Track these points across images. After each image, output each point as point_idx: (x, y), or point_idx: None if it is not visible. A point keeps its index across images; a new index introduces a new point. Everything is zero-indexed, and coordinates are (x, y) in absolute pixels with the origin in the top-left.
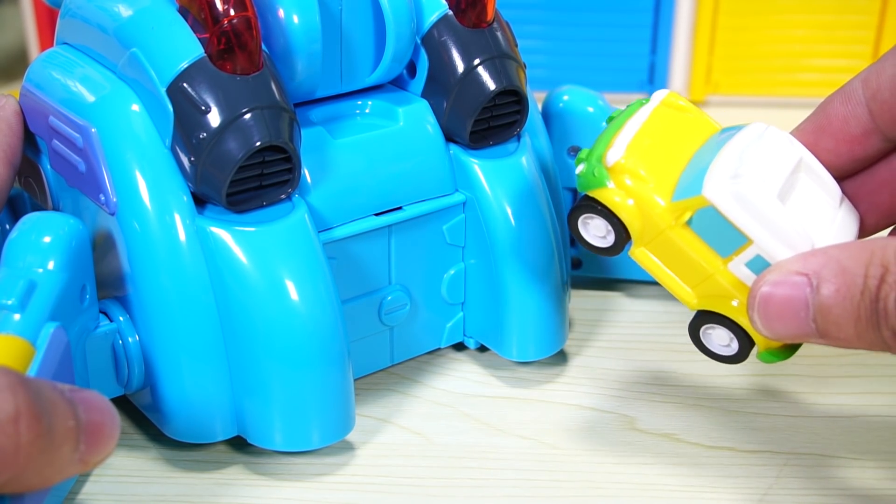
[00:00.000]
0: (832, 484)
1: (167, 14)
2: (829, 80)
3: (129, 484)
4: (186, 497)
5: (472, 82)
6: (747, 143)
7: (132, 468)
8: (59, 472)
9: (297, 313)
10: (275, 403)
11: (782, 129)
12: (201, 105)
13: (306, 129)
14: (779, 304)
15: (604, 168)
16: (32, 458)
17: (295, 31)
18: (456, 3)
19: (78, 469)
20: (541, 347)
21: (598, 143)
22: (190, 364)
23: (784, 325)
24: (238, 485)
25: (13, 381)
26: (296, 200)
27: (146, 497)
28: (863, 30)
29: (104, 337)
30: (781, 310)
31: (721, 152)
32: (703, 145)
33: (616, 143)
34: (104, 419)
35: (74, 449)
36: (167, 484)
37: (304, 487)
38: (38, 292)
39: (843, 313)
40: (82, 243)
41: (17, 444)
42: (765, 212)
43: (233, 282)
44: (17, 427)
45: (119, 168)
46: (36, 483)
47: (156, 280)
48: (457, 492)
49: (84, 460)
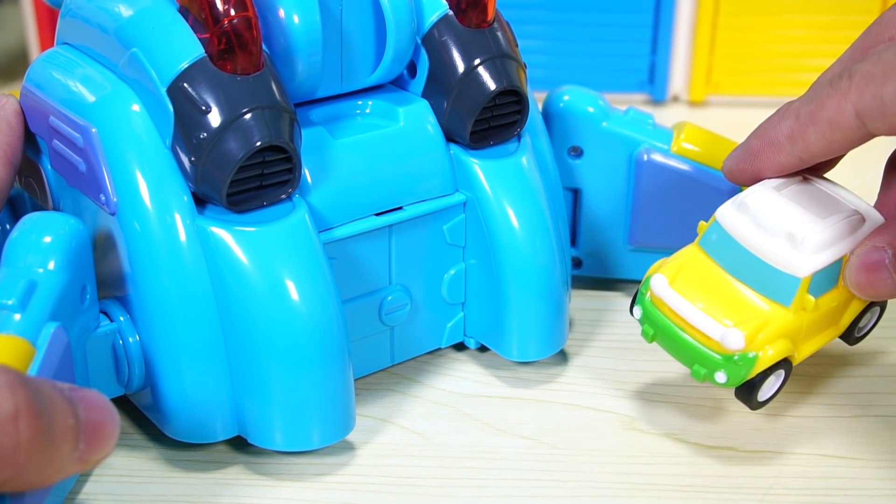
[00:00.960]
0: (832, 484)
1: (167, 14)
2: None
3: (129, 484)
4: (186, 497)
5: (473, 82)
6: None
7: (132, 468)
8: (59, 470)
9: (297, 313)
10: (275, 403)
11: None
12: (202, 105)
13: (307, 129)
14: (867, 266)
15: (742, 356)
16: (32, 457)
17: (295, 31)
18: (456, 3)
19: (78, 468)
20: (541, 347)
21: (690, 351)
22: (190, 364)
23: (873, 285)
24: (238, 485)
25: (13, 379)
26: (296, 200)
27: (146, 497)
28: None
29: (105, 337)
30: (869, 270)
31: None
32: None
33: (716, 332)
34: (104, 418)
35: (74, 448)
36: (167, 484)
37: (304, 487)
38: (38, 292)
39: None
40: (83, 243)
41: (17, 442)
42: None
43: (233, 282)
44: (17, 425)
45: (119, 168)
46: (36, 481)
47: (156, 280)
48: (457, 492)
49: (84, 459)
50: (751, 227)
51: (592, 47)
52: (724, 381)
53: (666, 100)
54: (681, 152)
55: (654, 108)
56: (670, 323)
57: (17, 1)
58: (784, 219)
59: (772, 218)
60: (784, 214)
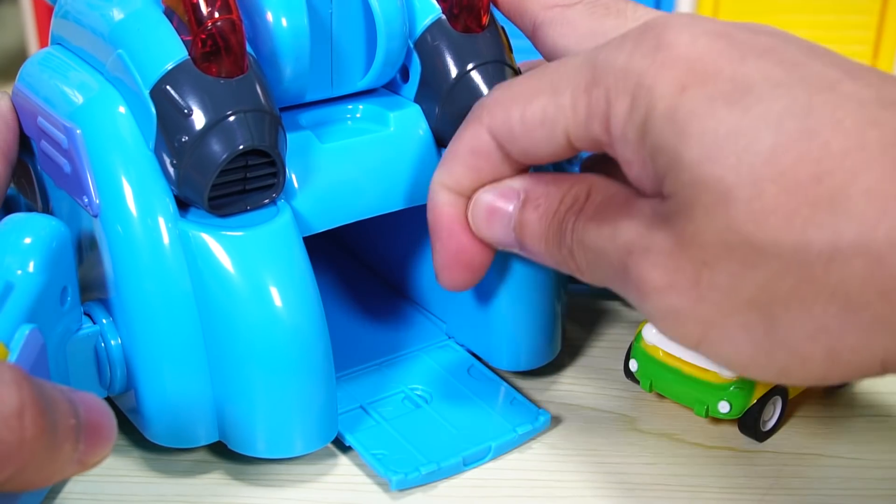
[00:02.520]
0: (832, 484)
1: (153, 16)
2: None
3: (129, 484)
4: (186, 497)
5: (465, 87)
6: None
7: (132, 468)
8: (59, 471)
9: (279, 319)
10: (257, 410)
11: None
12: (184, 108)
13: (294, 133)
14: (488, 209)
15: (740, 381)
16: (36, 454)
17: (283, 34)
18: (449, 7)
19: (76, 469)
20: (532, 358)
21: (691, 388)
22: (171, 368)
23: (490, 230)
24: (238, 485)
25: (17, 375)
26: (281, 205)
27: (146, 497)
28: (863, 30)
29: (86, 339)
30: (490, 215)
31: None
32: None
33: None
34: (103, 420)
35: (74, 448)
36: (167, 484)
37: (303, 487)
38: (14, 294)
39: (537, 230)
40: (63, 245)
41: (22, 439)
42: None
43: (215, 286)
44: (22, 421)
45: (103, 170)
46: (36, 481)
47: (138, 283)
48: (456, 492)
49: (82, 461)
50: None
51: None
52: (727, 410)
53: None
54: None
55: None
56: (667, 366)
57: (16, 1)
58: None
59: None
60: None
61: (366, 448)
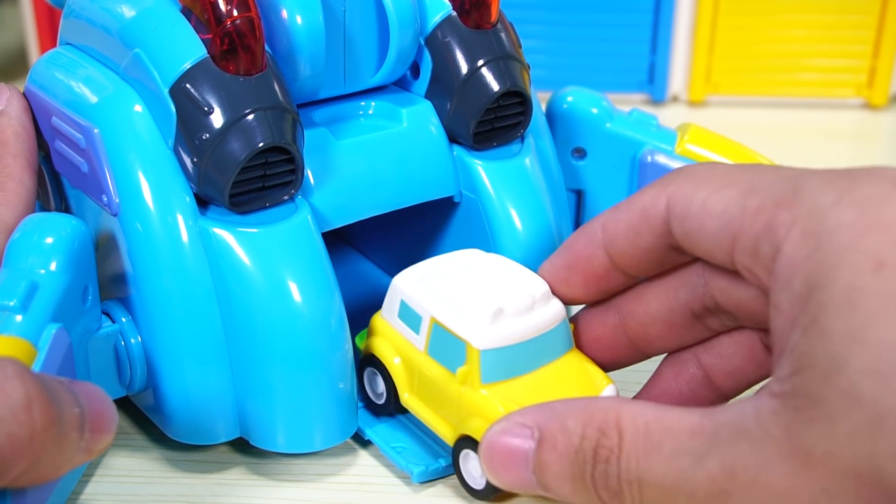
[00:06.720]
0: None
1: (170, 15)
2: (829, 80)
3: (130, 484)
4: (186, 497)
5: (476, 83)
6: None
7: (133, 468)
8: (69, 460)
9: (299, 315)
10: (277, 405)
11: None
12: (204, 106)
13: (309, 130)
14: (502, 453)
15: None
16: (46, 446)
17: (298, 31)
18: (460, 4)
19: (83, 458)
20: None
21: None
22: (192, 365)
23: (507, 475)
24: (238, 485)
25: (21, 369)
26: (299, 202)
27: (146, 497)
28: (863, 30)
29: (107, 338)
30: (504, 459)
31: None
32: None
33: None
34: (104, 407)
35: (80, 437)
36: (167, 484)
37: (304, 488)
38: (39, 293)
39: (561, 470)
40: (85, 244)
41: (33, 431)
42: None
43: (235, 283)
44: (31, 414)
45: (121, 169)
46: (48, 473)
47: (158, 281)
48: (457, 492)
49: (89, 448)
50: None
51: (592, 47)
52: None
53: (665, 100)
54: (685, 154)
55: (653, 108)
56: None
57: (16, 1)
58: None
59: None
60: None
61: (386, 441)
